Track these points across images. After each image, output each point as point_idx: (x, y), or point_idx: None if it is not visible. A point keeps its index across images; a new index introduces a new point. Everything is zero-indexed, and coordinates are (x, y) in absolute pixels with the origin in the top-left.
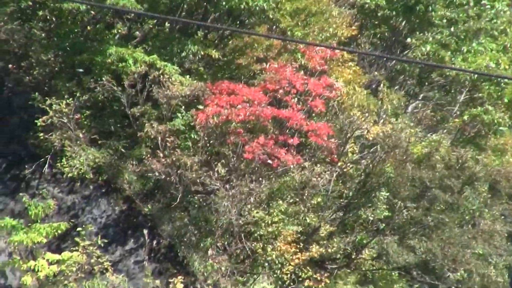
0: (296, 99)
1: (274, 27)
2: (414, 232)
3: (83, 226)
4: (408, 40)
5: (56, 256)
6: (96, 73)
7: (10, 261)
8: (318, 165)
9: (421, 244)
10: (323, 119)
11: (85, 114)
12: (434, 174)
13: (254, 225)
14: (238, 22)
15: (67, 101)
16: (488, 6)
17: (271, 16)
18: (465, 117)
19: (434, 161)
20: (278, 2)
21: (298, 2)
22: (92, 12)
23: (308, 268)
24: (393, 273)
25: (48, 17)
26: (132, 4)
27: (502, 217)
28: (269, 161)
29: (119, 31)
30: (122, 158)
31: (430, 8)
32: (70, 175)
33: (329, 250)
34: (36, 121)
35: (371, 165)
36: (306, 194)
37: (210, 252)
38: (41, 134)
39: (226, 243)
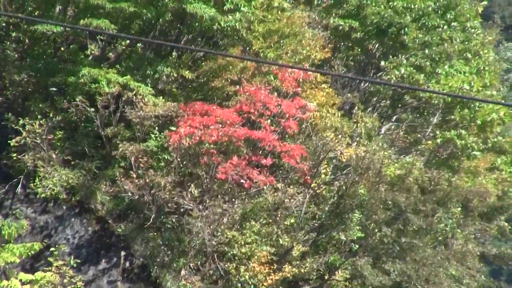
0: (269, 120)
1: (247, 49)
2: (387, 254)
3: (56, 246)
4: (382, 63)
5: (29, 276)
6: (69, 94)
7: None
8: (291, 187)
9: (395, 266)
10: (296, 141)
11: (58, 135)
12: (409, 198)
13: (227, 245)
14: (211, 43)
15: (40, 121)
16: (458, 28)
17: (244, 36)
18: (438, 140)
19: (408, 184)
20: (250, 23)
21: (270, 24)
22: (65, 33)
23: None
24: None
25: (21, 38)
26: (106, 25)
27: (473, 236)
28: (242, 181)
29: (92, 52)
30: (95, 179)
31: (403, 31)
32: (43, 195)
33: (302, 271)
34: (9, 141)
35: (344, 187)
36: (279, 215)
37: (183, 272)
38: (14, 154)
39: (199, 263)
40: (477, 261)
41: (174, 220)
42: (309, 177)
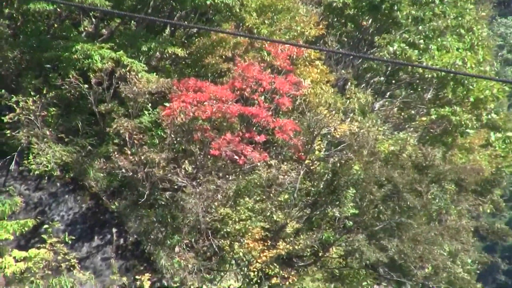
0: (263, 97)
1: (241, 25)
2: (382, 231)
3: (50, 223)
4: (375, 38)
5: (23, 253)
6: (63, 70)
7: None
8: (285, 163)
9: (391, 244)
10: (290, 117)
11: (52, 112)
12: (403, 175)
13: (221, 222)
14: (204, 19)
15: (34, 98)
16: (452, 3)
17: (237, 12)
18: (433, 116)
19: (402, 160)
20: None
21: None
22: (59, 9)
23: (275, 265)
24: (360, 271)
25: (14, 15)
26: (100, 2)
27: (467, 212)
28: (236, 157)
29: (86, 28)
30: (89, 156)
31: (396, 7)
32: (37, 172)
33: (296, 247)
34: (2, 118)
35: (338, 164)
36: (273, 192)
37: (177, 249)
38: (8, 131)
39: (193, 240)
40: (471, 237)
41: (168, 197)
42: (302, 154)
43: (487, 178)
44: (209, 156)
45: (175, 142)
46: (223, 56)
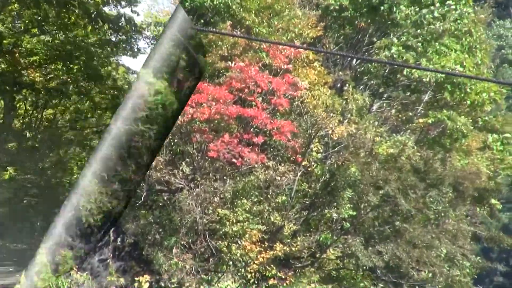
0: (260, 98)
1: (238, 27)
2: (379, 233)
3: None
4: (374, 39)
5: None
6: None
7: None
8: (282, 164)
9: (387, 248)
10: (287, 119)
11: None
12: (400, 178)
13: (219, 223)
14: (203, 21)
15: None
16: (453, 7)
17: (236, 13)
18: (430, 120)
19: (401, 163)
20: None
21: (262, 0)
22: None
23: (272, 266)
24: (357, 272)
25: None
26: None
27: (468, 217)
28: (234, 160)
29: None
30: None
31: (395, 8)
32: None
33: (293, 249)
34: None
35: (335, 165)
36: (270, 193)
37: (174, 250)
38: None
39: (190, 241)
40: (469, 241)
41: (165, 198)
42: (300, 155)
43: (485, 186)
44: (206, 158)
45: (172, 143)
46: (219, 55)
